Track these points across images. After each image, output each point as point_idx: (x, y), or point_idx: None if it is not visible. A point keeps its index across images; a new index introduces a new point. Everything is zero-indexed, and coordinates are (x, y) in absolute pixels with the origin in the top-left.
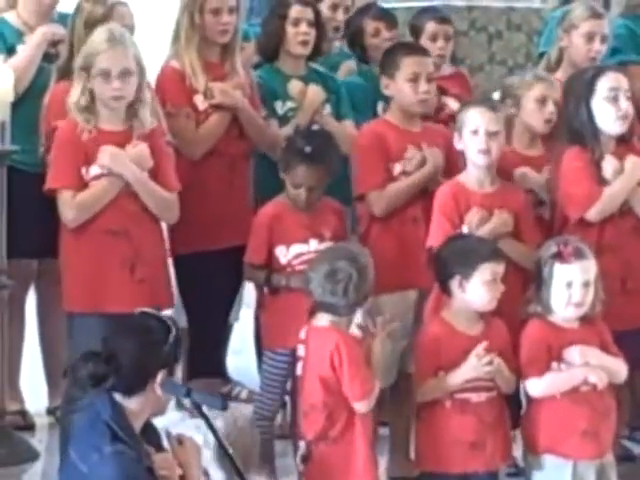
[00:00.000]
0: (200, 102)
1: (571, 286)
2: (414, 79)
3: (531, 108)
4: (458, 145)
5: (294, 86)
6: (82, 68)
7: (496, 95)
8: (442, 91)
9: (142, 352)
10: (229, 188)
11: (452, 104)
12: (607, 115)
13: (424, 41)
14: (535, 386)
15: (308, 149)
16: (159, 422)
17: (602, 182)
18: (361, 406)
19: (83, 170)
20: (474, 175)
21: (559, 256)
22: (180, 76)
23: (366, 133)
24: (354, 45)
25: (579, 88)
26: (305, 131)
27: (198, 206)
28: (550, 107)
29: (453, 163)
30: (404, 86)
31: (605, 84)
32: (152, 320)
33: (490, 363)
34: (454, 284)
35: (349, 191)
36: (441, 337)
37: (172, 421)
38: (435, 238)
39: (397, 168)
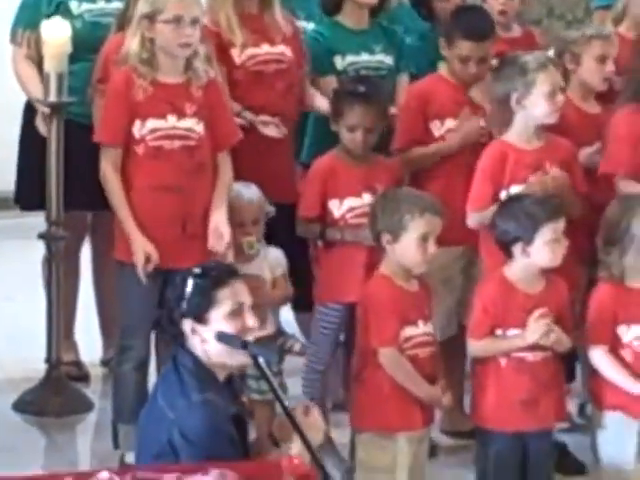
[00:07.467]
0: (237, 56)
1: None
2: (466, 60)
3: (591, 66)
4: (515, 105)
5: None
6: (146, 16)
7: (551, 51)
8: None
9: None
10: (270, 147)
11: None
12: None
13: None
14: (599, 357)
15: (362, 88)
16: None
17: None
18: (380, 354)
19: (138, 124)
20: (524, 132)
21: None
22: (212, 34)
23: (413, 91)
24: (419, 3)
25: None
26: (355, 75)
27: (240, 165)
28: (610, 66)
29: None
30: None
31: None
32: None
33: (548, 331)
34: (516, 250)
35: None
36: (500, 295)
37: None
38: (476, 201)
39: (447, 124)
